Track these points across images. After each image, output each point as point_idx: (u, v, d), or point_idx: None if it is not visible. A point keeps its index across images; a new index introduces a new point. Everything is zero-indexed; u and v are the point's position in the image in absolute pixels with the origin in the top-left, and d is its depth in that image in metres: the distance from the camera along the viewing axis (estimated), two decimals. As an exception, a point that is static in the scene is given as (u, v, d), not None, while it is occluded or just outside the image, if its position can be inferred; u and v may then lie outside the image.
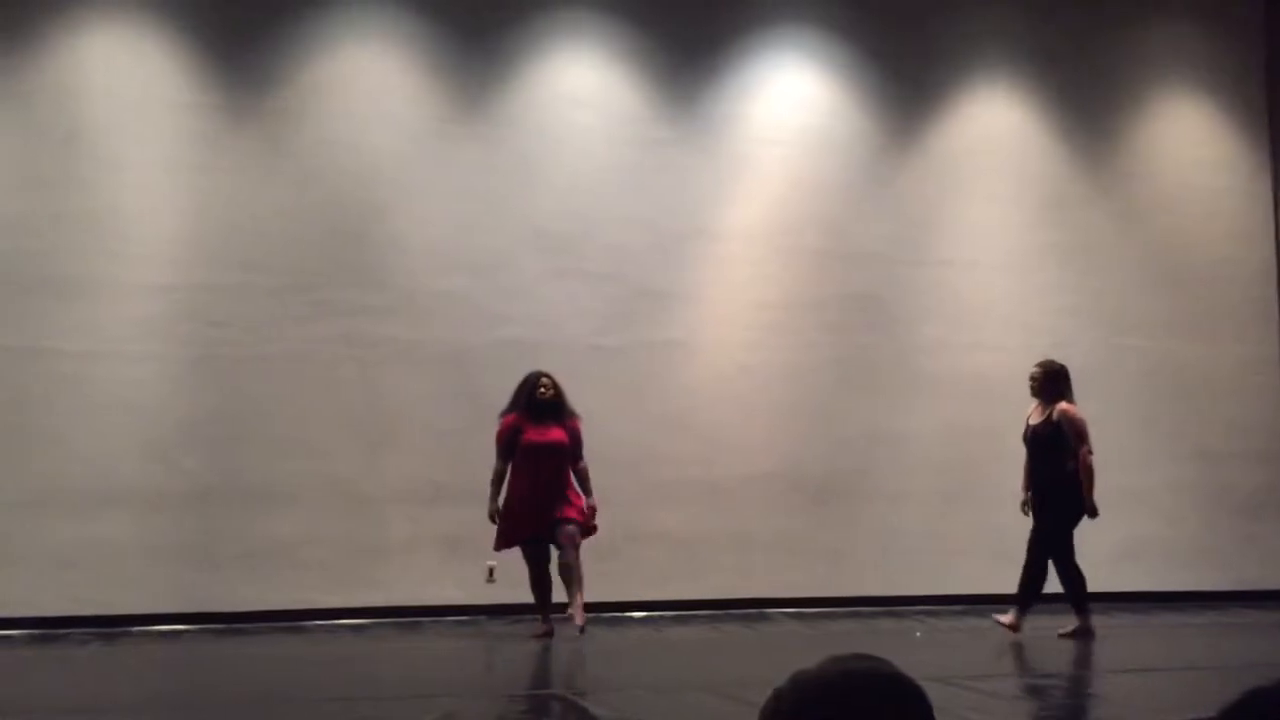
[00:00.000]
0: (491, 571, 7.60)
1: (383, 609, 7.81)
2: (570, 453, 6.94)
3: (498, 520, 6.86)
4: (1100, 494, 7.05)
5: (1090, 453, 7.06)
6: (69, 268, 7.65)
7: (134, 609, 7.47)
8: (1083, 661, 6.59)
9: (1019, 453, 7.22)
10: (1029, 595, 7.12)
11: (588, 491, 6.96)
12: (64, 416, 7.54)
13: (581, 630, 6.73)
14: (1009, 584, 8.57)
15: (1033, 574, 7.11)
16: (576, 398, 7.10)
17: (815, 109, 8.87)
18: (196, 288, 7.83)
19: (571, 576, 6.81)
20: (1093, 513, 7.04)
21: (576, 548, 6.84)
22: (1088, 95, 9.34)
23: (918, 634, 7.35)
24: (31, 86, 7.72)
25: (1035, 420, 7.21)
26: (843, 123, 8.92)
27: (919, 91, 9.03)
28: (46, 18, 7.75)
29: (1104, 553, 8.84)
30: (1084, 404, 9.08)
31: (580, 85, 8.49)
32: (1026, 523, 7.18)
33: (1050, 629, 7.19)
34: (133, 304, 7.74)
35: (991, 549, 8.64)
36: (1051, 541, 7.08)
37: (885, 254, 8.87)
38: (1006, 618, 7.11)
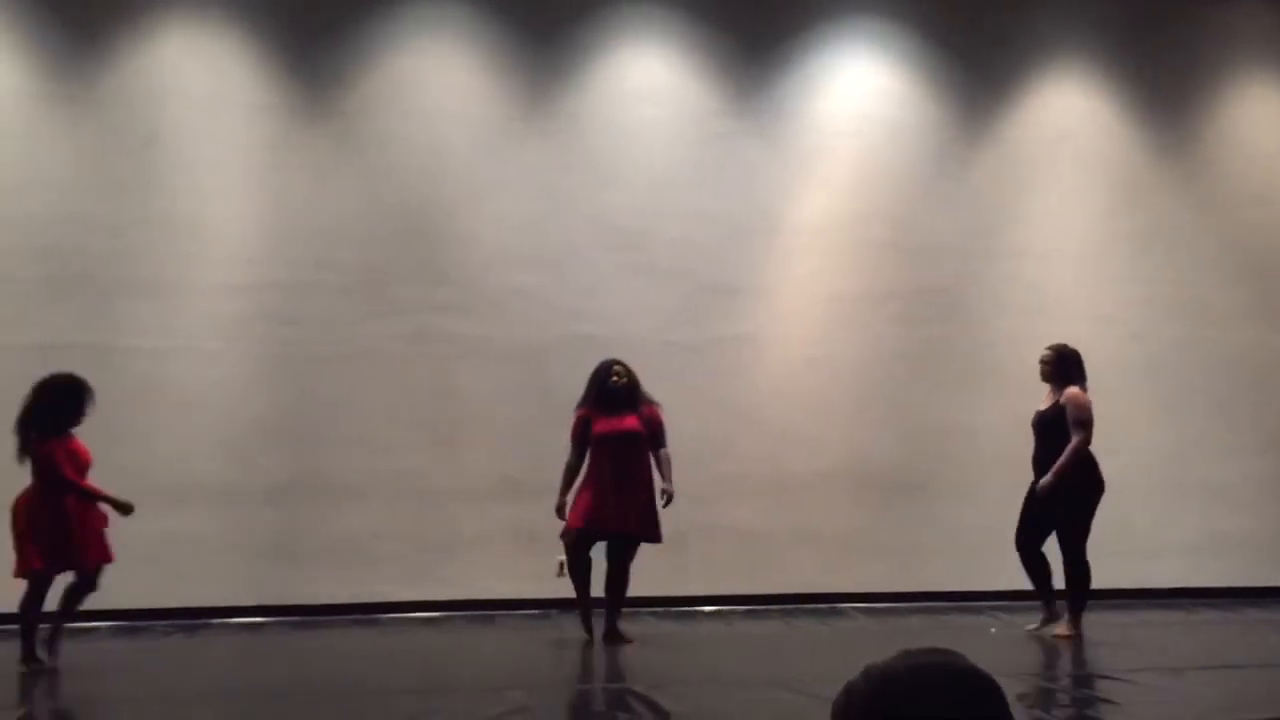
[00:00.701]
0: (562, 566, 7.61)
1: (455, 602, 7.88)
2: (649, 440, 6.77)
3: (567, 513, 6.77)
4: (1181, 487, 6.88)
5: (1086, 442, 6.81)
6: (146, 268, 7.82)
7: (213, 601, 7.62)
8: (1165, 658, 6.46)
9: (1097, 444, 7.04)
10: (1079, 595, 6.91)
11: (665, 475, 6.77)
12: (143, 414, 7.71)
13: (630, 643, 6.64)
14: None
15: (1072, 571, 6.89)
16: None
17: (884, 99, 8.78)
18: (271, 286, 7.96)
19: (617, 588, 6.72)
20: (1043, 491, 6.81)
21: (627, 563, 6.73)
22: (1166, 79, 9.11)
23: (992, 630, 7.26)
24: (109, 91, 7.89)
25: (1044, 405, 7.03)
26: (912, 113, 8.82)
27: (990, 79, 8.89)
28: (123, 24, 7.91)
29: (1184, 546, 8.68)
30: (1163, 395, 8.94)
31: (647, 80, 8.48)
32: (1106, 518, 7.02)
33: (1135, 625, 7.05)
34: (208, 303, 7.89)
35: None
36: (1072, 530, 6.86)
37: (956, 246, 8.76)
38: (1061, 628, 6.89)
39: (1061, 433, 6.86)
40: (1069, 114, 8.99)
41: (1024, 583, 7.30)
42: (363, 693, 5.60)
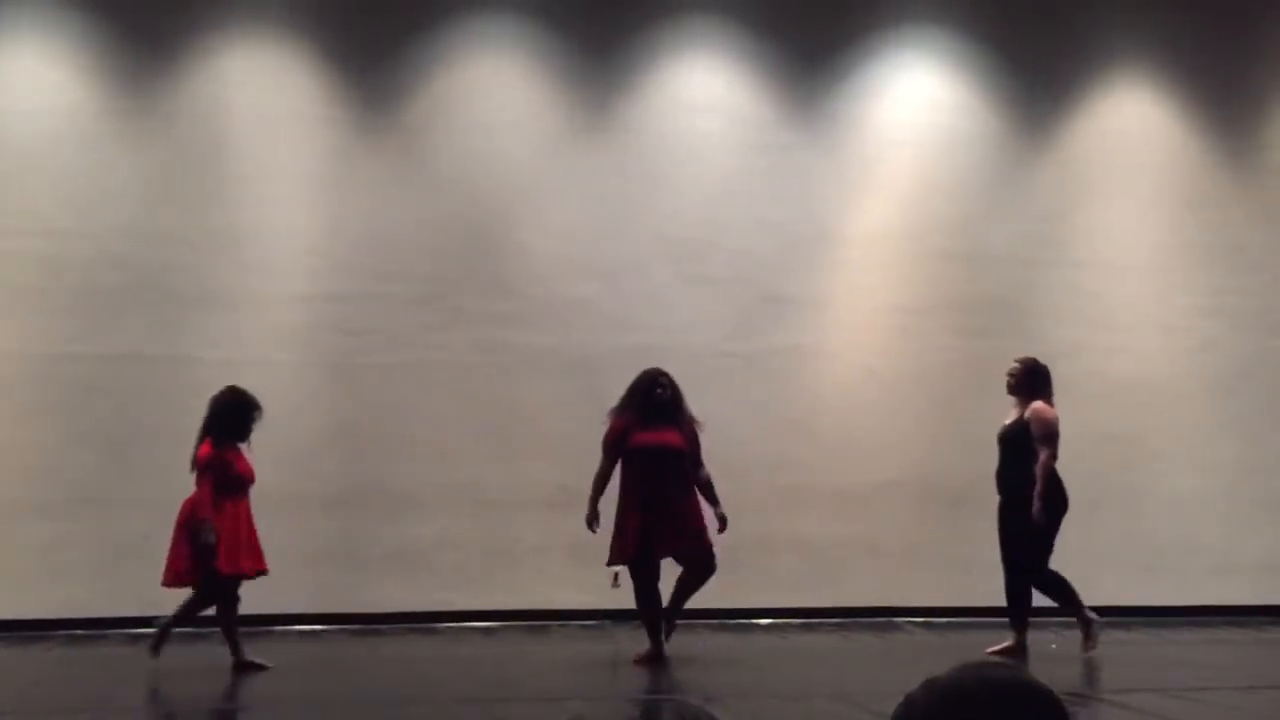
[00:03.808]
0: (616, 577, 7.60)
1: (512, 612, 7.91)
2: (690, 458, 6.51)
3: (615, 534, 6.45)
4: (1251, 502, 6.72)
5: (1053, 458, 6.56)
6: (211, 280, 7.96)
7: (275, 609, 7.69)
8: (1235, 675, 6.33)
9: (1165, 458, 6.92)
10: (1023, 611, 6.70)
11: (714, 500, 6.55)
12: (209, 423, 7.82)
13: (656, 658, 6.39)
14: (1154, 595, 8.31)
15: (1015, 588, 6.69)
16: (703, 404, 7.01)
17: (942, 108, 8.71)
18: (334, 298, 8.06)
19: (683, 598, 6.50)
20: (1039, 522, 6.52)
21: (706, 575, 6.45)
22: (1230, 86, 8.96)
23: (1053, 645, 7.15)
24: (177, 106, 8.05)
25: (1009, 420, 6.81)
26: (971, 121, 8.74)
27: (1051, 86, 8.79)
28: (189, 40, 8.07)
29: (1255, 564, 8.49)
30: (1231, 408, 8.75)
31: (704, 91, 8.49)
32: (1170, 534, 6.89)
33: (1203, 642, 6.91)
34: (272, 314, 8.01)
35: (1135, 559, 8.36)
36: (1030, 548, 6.59)
37: (1017, 255, 8.66)
38: (1005, 645, 6.62)
39: (1028, 450, 6.61)
40: (1131, 122, 8.86)
41: (1087, 599, 7.17)
42: (423, 701, 5.63)
